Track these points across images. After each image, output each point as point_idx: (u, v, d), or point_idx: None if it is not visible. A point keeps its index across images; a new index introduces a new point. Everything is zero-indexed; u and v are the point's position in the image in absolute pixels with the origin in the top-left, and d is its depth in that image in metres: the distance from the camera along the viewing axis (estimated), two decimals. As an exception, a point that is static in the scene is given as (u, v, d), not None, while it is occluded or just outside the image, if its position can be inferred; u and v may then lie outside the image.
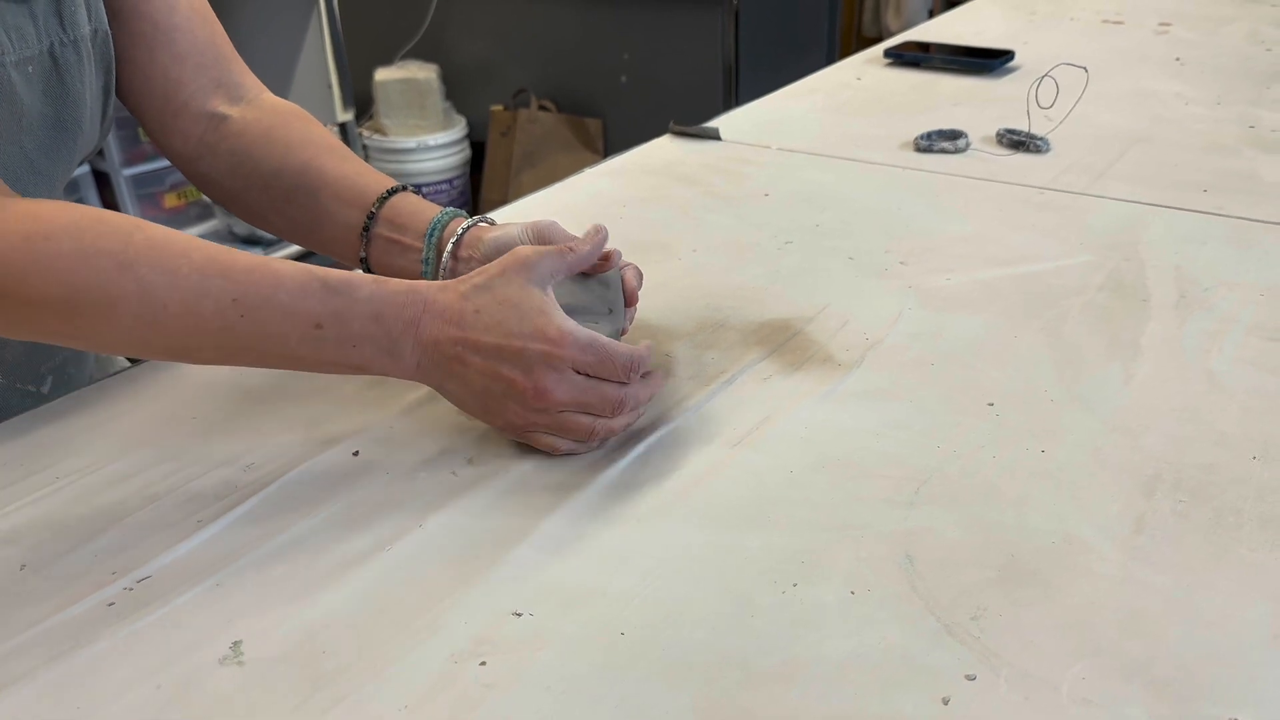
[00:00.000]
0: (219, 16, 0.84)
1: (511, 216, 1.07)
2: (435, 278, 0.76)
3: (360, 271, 0.74)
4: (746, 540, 0.61)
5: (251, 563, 0.60)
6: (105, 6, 0.77)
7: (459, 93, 3.10)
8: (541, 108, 2.97)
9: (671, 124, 1.29)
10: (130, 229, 0.61)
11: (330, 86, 2.92)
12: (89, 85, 0.76)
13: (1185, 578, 0.57)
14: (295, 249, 2.32)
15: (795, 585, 0.57)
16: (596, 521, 0.63)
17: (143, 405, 0.75)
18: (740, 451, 0.69)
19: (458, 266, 0.75)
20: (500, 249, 0.73)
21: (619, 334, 0.73)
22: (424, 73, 2.99)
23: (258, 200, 0.83)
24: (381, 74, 3.01)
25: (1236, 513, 0.62)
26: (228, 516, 0.63)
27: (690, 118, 1.31)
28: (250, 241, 2.34)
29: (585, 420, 0.66)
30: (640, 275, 0.77)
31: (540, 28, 2.93)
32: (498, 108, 3.03)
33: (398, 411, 0.73)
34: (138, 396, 0.76)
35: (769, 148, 1.24)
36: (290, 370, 0.67)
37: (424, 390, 0.75)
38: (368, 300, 0.64)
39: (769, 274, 0.93)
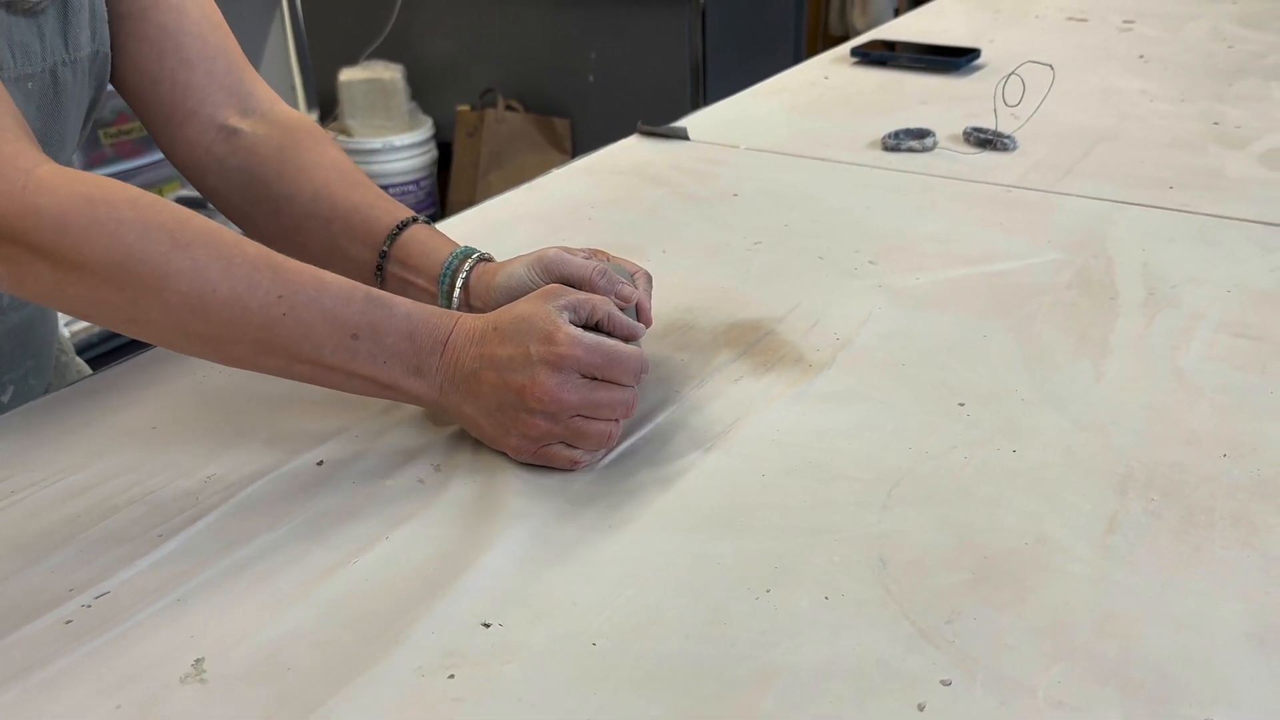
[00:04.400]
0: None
1: (479, 218, 1.06)
2: None
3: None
4: (719, 546, 0.60)
5: (214, 577, 0.58)
6: (111, 10, 0.75)
7: (425, 93, 3.08)
8: (509, 108, 2.95)
9: (640, 124, 1.28)
10: (186, 214, 0.62)
11: (294, 88, 2.90)
12: (80, 103, 0.75)
13: (1159, 577, 0.57)
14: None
15: (769, 591, 0.57)
16: (566, 529, 0.62)
17: (101, 417, 0.74)
18: (711, 455, 0.68)
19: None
20: (510, 293, 0.72)
21: None
22: (389, 73, 2.96)
23: (268, 225, 0.81)
24: (346, 74, 2.98)
25: (1208, 511, 0.62)
26: (189, 530, 0.62)
27: (658, 117, 1.30)
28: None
29: (601, 425, 0.65)
30: (650, 280, 0.76)
31: (507, 27, 2.91)
32: (464, 108, 3.01)
33: (363, 417, 0.72)
34: (96, 408, 0.75)
35: (737, 147, 1.23)
36: (316, 385, 0.66)
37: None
38: (405, 317, 0.65)
39: (739, 274, 0.92)
